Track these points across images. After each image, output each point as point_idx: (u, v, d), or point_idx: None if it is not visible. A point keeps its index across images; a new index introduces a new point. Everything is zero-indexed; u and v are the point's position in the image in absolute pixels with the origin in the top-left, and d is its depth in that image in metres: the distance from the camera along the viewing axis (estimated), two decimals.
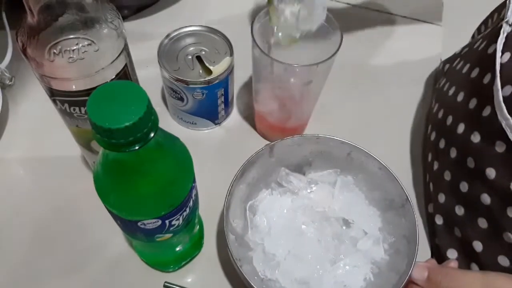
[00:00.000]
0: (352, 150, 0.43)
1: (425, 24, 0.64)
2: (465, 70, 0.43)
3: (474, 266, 0.40)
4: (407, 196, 0.40)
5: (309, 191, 0.45)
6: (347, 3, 0.66)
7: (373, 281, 0.40)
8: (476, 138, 0.38)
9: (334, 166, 0.45)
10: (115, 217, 0.32)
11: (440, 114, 0.45)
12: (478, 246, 0.39)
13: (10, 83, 0.52)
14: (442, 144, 0.44)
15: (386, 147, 0.45)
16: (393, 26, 0.64)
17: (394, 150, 0.51)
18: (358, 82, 0.58)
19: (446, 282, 0.35)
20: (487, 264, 0.39)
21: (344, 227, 0.43)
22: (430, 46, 0.61)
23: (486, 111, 0.37)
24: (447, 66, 0.52)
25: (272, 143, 0.42)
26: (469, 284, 0.34)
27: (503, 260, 0.37)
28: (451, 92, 0.45)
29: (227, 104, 0.51)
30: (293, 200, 0.44)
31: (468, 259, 0.41)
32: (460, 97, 0.42)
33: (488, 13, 0.49)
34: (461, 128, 0.41)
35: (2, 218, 0.45)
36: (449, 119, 0.43)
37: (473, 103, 0.40)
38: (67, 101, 0.34)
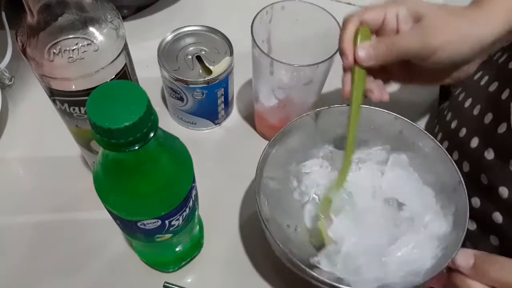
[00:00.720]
0: (404, 127, 0.41)
1: None
2: (483, 82, 0.42)
3: None
4: (460, 179, 0.37)
5: (356, 171, 0.43)
6: (347, 3, 0.66)
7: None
8: (490, 155, 0.37)
9: (383, 143, 0.43)
10: (115, 217, 0.32)
11: (454, 125, 0.44)
12: None
13: (9, 83, 0.52)
14: (455, 156, 0.42)
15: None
16: None
17: None
18: None
19: (495, 271, 0.31)
20: None
21: (397, 210, 0.41)
22: None
23: (502, 128, 0.37)
24: None
25: (319, 109, 0.41)
26: None
27: None
28: (467, 104, 0.44)
29: (227, 104, 0.51)
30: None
31: None
32: (476, 111, 0.41)
33: None
34: (474, 142, 0.40)
35: (2, 218, 0.45)
36: (463, 131, 0.42)
37: (488, 118, 0.39)
38: (67, 101, 0.34)
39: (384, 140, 0.43)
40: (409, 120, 0.41)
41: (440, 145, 0.39)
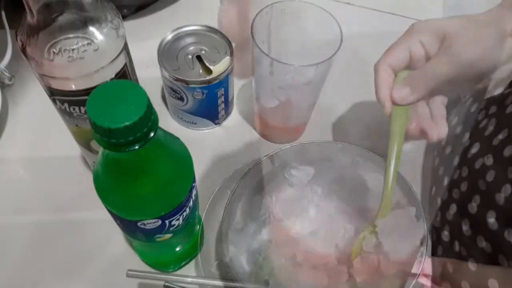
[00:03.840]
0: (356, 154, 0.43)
1: None
2: (490, 88, 0.42)
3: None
4: (419, 207, 0.39)
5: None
6: (347, 3, 0.65)
7: None
8: (489, 161, 0.37)
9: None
10: (115, 217, 0.32)
11: (458, 130, 0.44)
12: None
13: (9, 82, 0.52)
14: (456, 161, 0.42)
15: (386, 148, 0.45)
16: (393, 25, 0.63)
17: None
18: (359, 82, 0.57)
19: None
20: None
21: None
22: None
23: (504, 135, 0.36)
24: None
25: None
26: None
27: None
28: (473, 109, 0.44)
29: (227, 104, 0.51)
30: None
31: None
32: (481, 116, 0.41)
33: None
34: (475, 148, 0.40)
35: (2, 218, 0.45)
36: (465, 136, 0.42)
37: (490, 127, 0.39)
38: (67, 100, 0.34)
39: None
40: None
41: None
